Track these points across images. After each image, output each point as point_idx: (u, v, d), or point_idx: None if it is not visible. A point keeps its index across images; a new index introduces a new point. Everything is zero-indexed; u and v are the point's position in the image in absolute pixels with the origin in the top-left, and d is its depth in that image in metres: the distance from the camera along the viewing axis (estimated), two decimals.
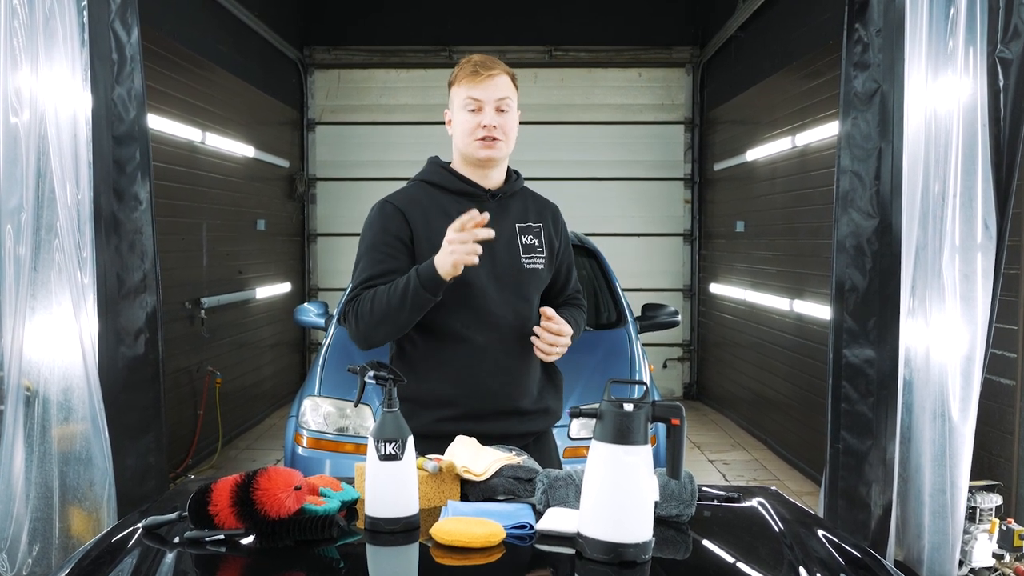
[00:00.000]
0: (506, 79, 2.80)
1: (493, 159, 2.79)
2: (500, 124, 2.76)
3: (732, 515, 2.31)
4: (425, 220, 2.80)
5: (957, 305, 3.51)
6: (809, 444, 7.09)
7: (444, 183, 2.87)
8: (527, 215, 2.90)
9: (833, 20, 6.50)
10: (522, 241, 2.85)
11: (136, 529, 2.10)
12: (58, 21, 3.36)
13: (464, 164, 2.87)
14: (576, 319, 2.94)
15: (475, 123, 2.76)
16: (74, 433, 3.45)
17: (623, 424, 1.89)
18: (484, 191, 2.84)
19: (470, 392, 2.77)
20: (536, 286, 2.86)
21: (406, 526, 2.06)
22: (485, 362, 2.77)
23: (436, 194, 2.86)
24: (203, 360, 7.56)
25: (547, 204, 3.02)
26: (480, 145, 2.76)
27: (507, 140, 2.80)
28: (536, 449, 2.84)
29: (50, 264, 3.39)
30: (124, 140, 3.53)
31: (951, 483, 3.59)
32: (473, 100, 2.76)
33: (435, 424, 2.75)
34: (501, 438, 2.69)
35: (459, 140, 2.82)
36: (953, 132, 3.50)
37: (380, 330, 2.74)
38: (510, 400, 2.80)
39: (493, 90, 2.76)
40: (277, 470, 2.02)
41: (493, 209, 2.79)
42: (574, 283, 3.07)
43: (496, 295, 2.76)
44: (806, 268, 7.23)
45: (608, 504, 1.89)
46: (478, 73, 2.76)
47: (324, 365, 5.32)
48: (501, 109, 2.77)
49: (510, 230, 2.84)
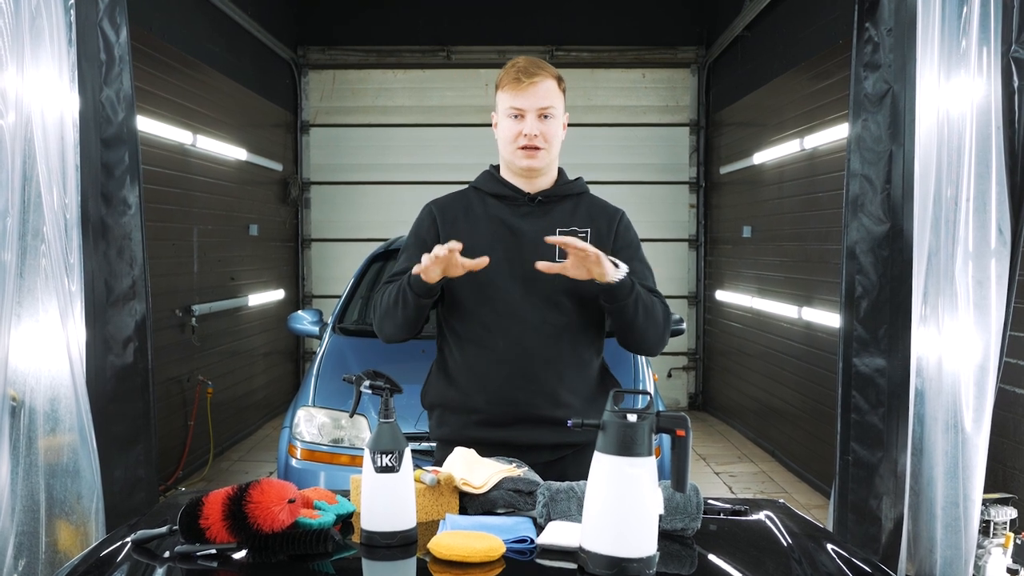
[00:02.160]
0: (550, 84, 2.83)
1: (534, 168, 2.84)
2: (542, 132, 2.81)
3: (739, 529, 2.31)
4: (454, 222, 2.86)
5: (970, 313, 3.50)
6: (818, 456, 7.09)
7: (486, 187, 2.92)
8: (573, 219, 2.89)
9: (842, 19, 6.51)
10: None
11: (125, 543, 2.10)
12: (44, 20, 3.36)
13: (508, 170, 2.92)
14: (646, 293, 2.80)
15: (516, 131, 2.80)
16: (61, 444, 3.44)
17: (626, 435, 1.89)
18: (524, 195, 2.87)
19: (493, 399, 2.79)
20: (575, 292, 2.79)
21: (403, 540, 2.06)
22: (508, 368, 2.78)
23: (477, 198, 2.91)
24: (194, 369, 7.56)
25: (606, 208, 3.01)
26: (522, 154, 2.81)
27: (549, 148, 2.83)
28: (575, 463, 2.82)
29: (36, 270, 3.38)
30: (112, 143, 3.53)
31: (964, 496, 3.58)
32: (515, 108, 2.80)
33: (461, 430, 2.80)
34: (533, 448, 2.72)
35: (503, 147, 2.88)
36: (966, 134, 3.50)
37: (385, 325, 2.83)
38: (536, 409, 2.79)
39: (535, 98, 2.79)
40: (270, 483, 2.02)
41: (531, 212, 2.86)
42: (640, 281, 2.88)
43: (521, 299, 2.77)
44: (815, 274, 7.23)
45: (611, 518, 1.89)
46: (520, 80, 2.79)
47: (319, 374, 5.32)
48: (544, 115, 2.81)
49: (549, 233, 2.81)
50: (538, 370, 2.79)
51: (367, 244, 9.65)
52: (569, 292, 2.79)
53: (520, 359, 2.78)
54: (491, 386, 2.79)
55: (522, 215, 2.86)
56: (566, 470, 2.75)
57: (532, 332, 2.77)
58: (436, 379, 2.93)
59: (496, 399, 2.79)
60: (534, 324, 2.77)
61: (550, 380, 2.80)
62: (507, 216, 2.85)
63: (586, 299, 2.81)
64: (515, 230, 2.83)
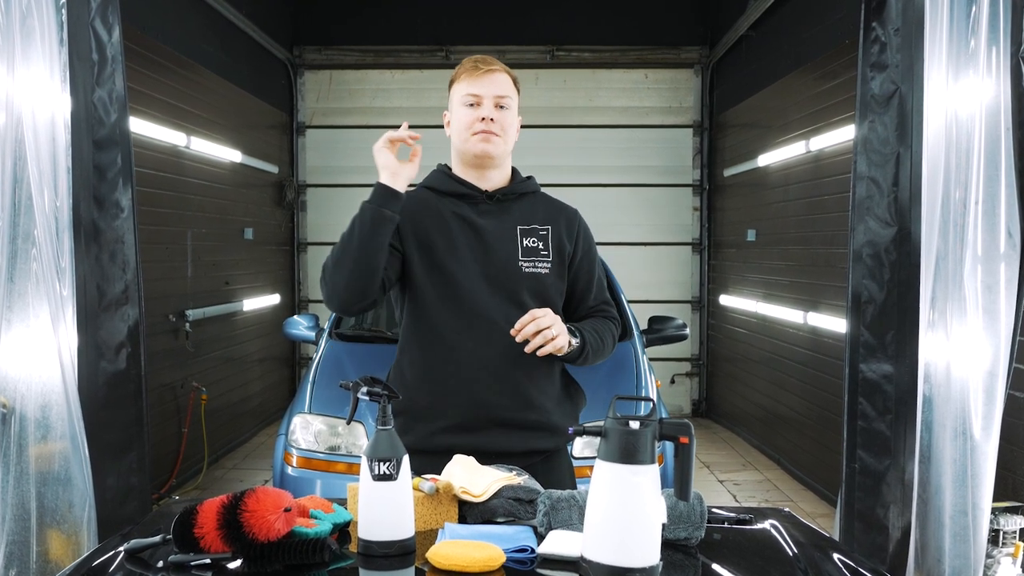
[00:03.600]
0: (506, 77, 2.86)
1: (489, 154, 2.82)
2: (499, 119, 2.81)
3: (743, 538, 2.31)
4: (413, 218, 2.84)
5: (979, 318, 3.50)
6: (824, 463, 7.09)
7: (440, 186, 2.91)
8: (533, 217, 2.90)
9: (849, 18, 6.52)
10: (523, 244, 2.85)
11: (118, 553, 2.10)
12: (35, 19, 3.36)
13: (462, 166, 2.91)
14: (596, 329, 2.88)
15: (473, 117, 2.82)
16: (52, 452, 3.44)
17: (629, 443, 1.89)
18: (480, 192, 2.88)
19: (461, 401, 2.78)
20: (537, 291, 2.83)
21: (401, 550, 2.06)
22: (476, 369, 2.78)
23: (432, 198, 2.90)
24: (188, 376, 7.56)
25: (563, 208, 3.01)
26: (477, 139, 2.81)
27: (505, 137, 2.84)
28: (544, 470, 2.81)
29: (27, 274, 3.38)
30: (105, 144, 3.53)
31: (973, 504, 3.58)
32: (472, 96, 2.82)
33: (429, 438, 2.77)
34: (501, 455, 2.70)
35: (456, 137, 2.88)
36: (975, 136, 3.50)
37: (341, 271, 2.67)
38: (505, 411, 2.78)
39: (492, 86, 2.82)
40: (266, 491, 2.02)
41: (491, 210, 2.86)
42: (598, 294, 3.01)
43: (488, 298, 2.77)
44: (821, 279, 7.24)
45: (613, 526, 1.89)
46: (478, 68, 2.82)
47: (315, 381, 5.32)
48: (500, 106, 2.83)
49: (510, 231, 2.85)
50: (507, 370, 2.78)
51: None
52: (533, 292, 2.83)
53: (488, 359, 2.77)
54: (460, 387, 2.78)
55: (481, 213, 2.86)
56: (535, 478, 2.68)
57: (500, 331, 2.74)
58: (398, 385, 2.85)
59: (465, 401, 2.77)
60: (501, 323, 2.75)
61: (520, 380, 2.80)
62: (468, 214, 2.85)
63: (548, 299, 2.85)
64: (477, 228, 2.83)
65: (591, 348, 2.82)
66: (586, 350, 2.80)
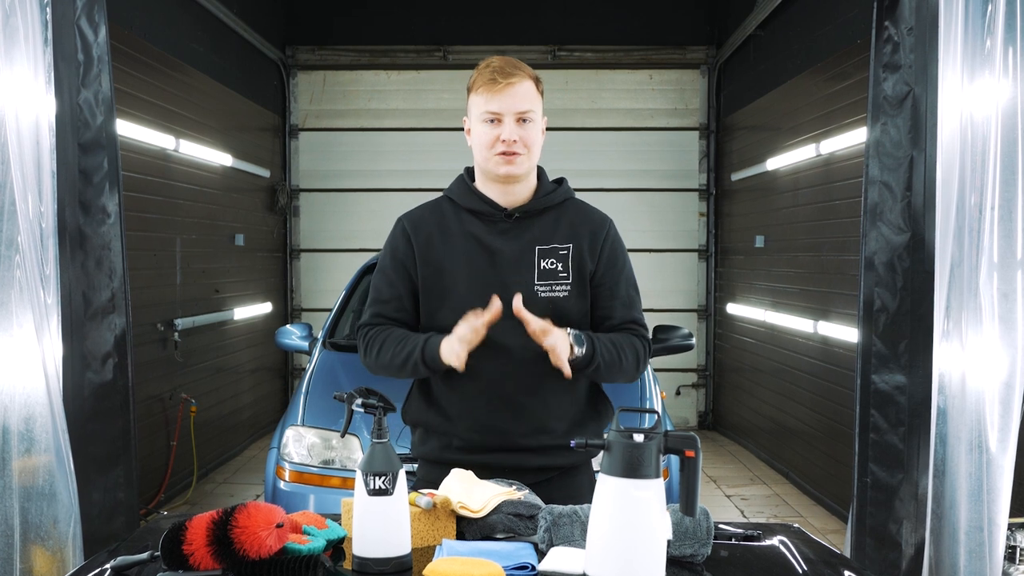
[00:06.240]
0: (528, 86, 2.77)
1: (513, 175, 2.79)
2: (521, 137, 2.75)
3: (751, 555, 2.31)
4: (428, 242, 2.84)
5: (995, 327, 3.50)
6: (835, 478, 7.08)
7: (460, 200, 2.88)
8: (554, 235, 2.84)
9: (861, 17, 6.53)
10: (540, 266, 2.80)
11: (104, 570, 2.10)
12: (19, 18, 3.36)
13: (484, 179, 2.87)
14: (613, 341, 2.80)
15: (494, 136, 2.75)
16: (36, 466, 3.44)
17: (633, 456, 1.89)
18: (500, 210, 2.83)
19: (476, 426, 2.80)
20: (555, 316, 2.74)
21: (397, 567, 2.06)
22: (488, 395, 2.78)
23: (452, 211, 2.88)
24: (177, 387, 7.56)
25: (591, 219, 2.93)
26: (500, 160, 2.76)
27: (529, 154, 2.78)
28: (562, 484, 2.83)
29: (10, 282, 3.38)
30: (91, 148, 3.54)
31: (989, 520, 3.58)
32: (491, 113, 2.75)
33: (440, 452, 2.83)
34: (516, 471, 2.71)
35: (478, 153, 2.82)
36: (991, 139, 3.50)
37: (383, 373, 2.87)
38: (520, 438, 2.78)
39: (513, 100, 2.74)
40: (257, 506, 2.02)
41: (509, 229, 2.82)
42: (623, 313, 2.89)
43: (501, 323, 2.68)
44: (831, 287, 7.24)
45: (617, 543, 1.89)
46: (496, 81, 2.73)
47: (308, 392, 5.32)
48: (523, 119, 2.75)
49: (527, 253, 2.81)
50: (523, 399, 2.78)
51: (359, 255, 9.65)
52: (549, 314, 2.74)
53: (503, 388, 2.77)
54: (475, 414, 2.79)
55: (498, 232, 2.82)
56: (552, 493, 2.71)
57: (514, 359, 2.75)
58: (417, 399, 2.93)
59: (479, 427, 2.79)
60: (515, 350, 2.74)
61: (535, 409, 2.79)
62: (483, 234, 2.81)
63: (568, 322, 2.77)
64: (492, 250, 2.80)
65: (602, 360, 2.73)
66: (596, 360, 2.72)
